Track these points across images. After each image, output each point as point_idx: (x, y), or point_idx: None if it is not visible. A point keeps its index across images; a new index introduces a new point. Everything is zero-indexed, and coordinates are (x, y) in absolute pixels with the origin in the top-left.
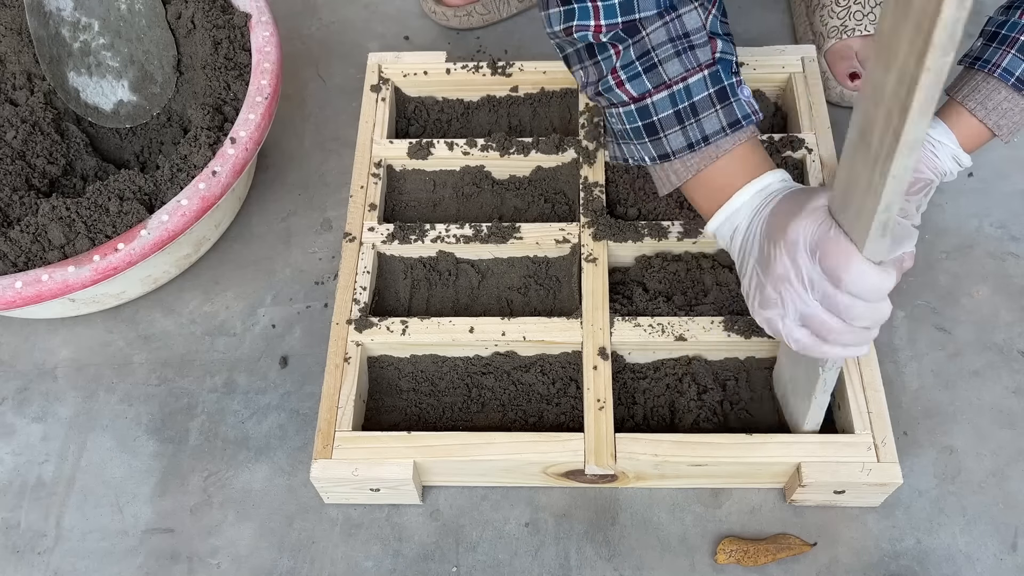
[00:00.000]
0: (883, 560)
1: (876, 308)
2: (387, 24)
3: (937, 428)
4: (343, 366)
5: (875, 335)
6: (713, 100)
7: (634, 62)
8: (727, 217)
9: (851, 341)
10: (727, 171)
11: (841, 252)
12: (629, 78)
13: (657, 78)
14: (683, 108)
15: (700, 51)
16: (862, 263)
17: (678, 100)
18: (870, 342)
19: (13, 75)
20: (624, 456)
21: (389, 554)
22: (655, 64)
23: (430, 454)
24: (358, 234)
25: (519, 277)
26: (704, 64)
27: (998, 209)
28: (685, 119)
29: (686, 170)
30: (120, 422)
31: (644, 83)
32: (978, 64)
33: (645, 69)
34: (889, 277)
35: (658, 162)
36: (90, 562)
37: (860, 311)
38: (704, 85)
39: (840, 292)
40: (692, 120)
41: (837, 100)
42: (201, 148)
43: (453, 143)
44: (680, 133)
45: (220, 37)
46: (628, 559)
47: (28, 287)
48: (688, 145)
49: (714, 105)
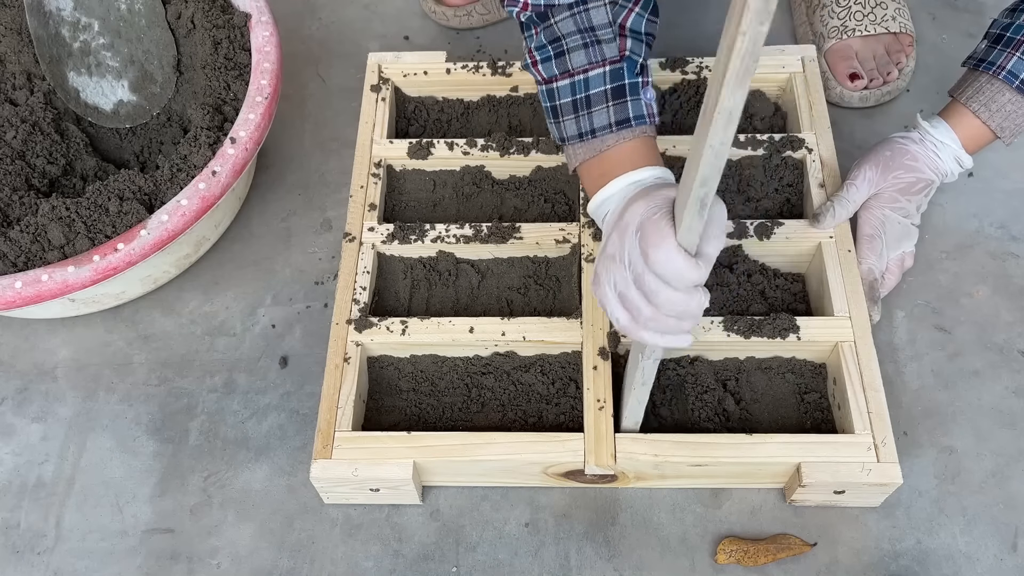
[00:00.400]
0: (883, 560)
1: (684, 299)
2: (387, 24)
3: (937, 428)
4: (343, 366)
5: (687, 327)
6: (608, 96)
7: (546, 46)
8: (600, 203)
9: (664, 328)
10: (609, 163)
11: (656, 232)
12: (541, 60)
13: (563, 65)
14: (580, 98)
15: (606, 46)
16: (672, 246)
17: (577, 90)
18: (687, 334)
19: (13, 75)
20: (624, 456)
21: (389, 554)
22: (564, 51)
23: (430, 454)
24: (358, 234)
25: (519, 277)
26: (609, 60)
27: (998, 209)
28: (579, 109)
29: (576, 156)
30: (120, 422)
31: (552, 67)
32: (983, 66)
33: (555, 55)
34: (696, 268)
35: (560, 143)
36: (90, 562)
37: (667, 297)
38: (603, 80)
39: (647, 272)
40: (585, 112)
41: (837, 100)
42: (201, 148)
43: (453, 143)
44: (573, 122)
45: (220, 37)
46: (628, 559)
47: (28, 287)
48: (579, 135)
49: (607, 101)
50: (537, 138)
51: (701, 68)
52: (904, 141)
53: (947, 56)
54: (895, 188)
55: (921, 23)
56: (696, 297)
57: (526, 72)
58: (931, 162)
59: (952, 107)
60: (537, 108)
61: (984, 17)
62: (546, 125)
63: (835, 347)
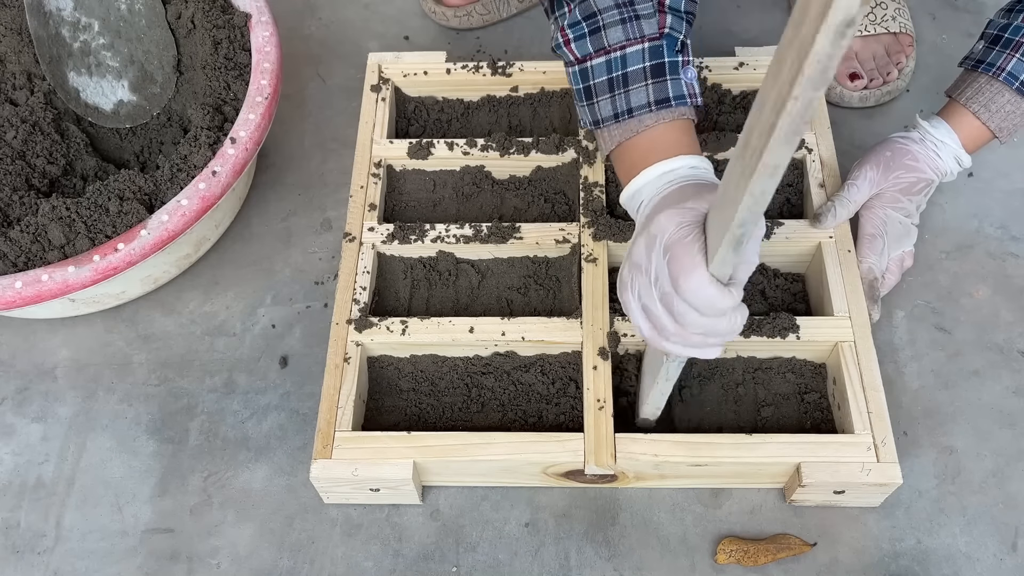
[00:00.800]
0: (883, 560)
1: (713, 322)
2: (387, 24)
3: (937, 428)
4: (343, 366)
5: (718, 343)
6: (647, 73)
7: (580, 22)
8: (631, 195)
9: (690, 343)
10: (642, 149)
11: (687, 259)
12: (575, 38)
13: (598, 42)
14: (616, 76)
15: (645, 22)
16: (703, 277)
17: (614, 67)
18: (716, 348)
19: (13, 75)
20: (624, 456)
21: (389, 554)
22: (600, 28)
23: (430, 454)
24: (358, 234)
25: (519, 277)
26: (648, 36)
27: (998, 209)
28: (616, 88)
29: (611, 139)
30: (120, 422)
31: (587, 45)
32: (981, 67)
33: (590, 31)
34: (728, 297)
35: (593, 127)
36: (90, 562)
37: (694, 319)
38: (641, 57)
39: (676, 296)
40: (621, 90)
41: (837, 100)
42: (201, 148)
43: (453, 143)
44: (609, 101)
45: (220, 37)
46: (628, 559)
47: (28, 287)
48: (614, 115)
49: (646, 79)
50: (537, 138)
51: (701, 68)
52: (904, 141)
53: (947, 56)
54: (897, 188)
55: (921, 23)
56: (726, 319)
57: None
58: (932, 162)
59: (951, 107)
60: (537, 108)
61: (984, 17)
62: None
63: (835, 347)
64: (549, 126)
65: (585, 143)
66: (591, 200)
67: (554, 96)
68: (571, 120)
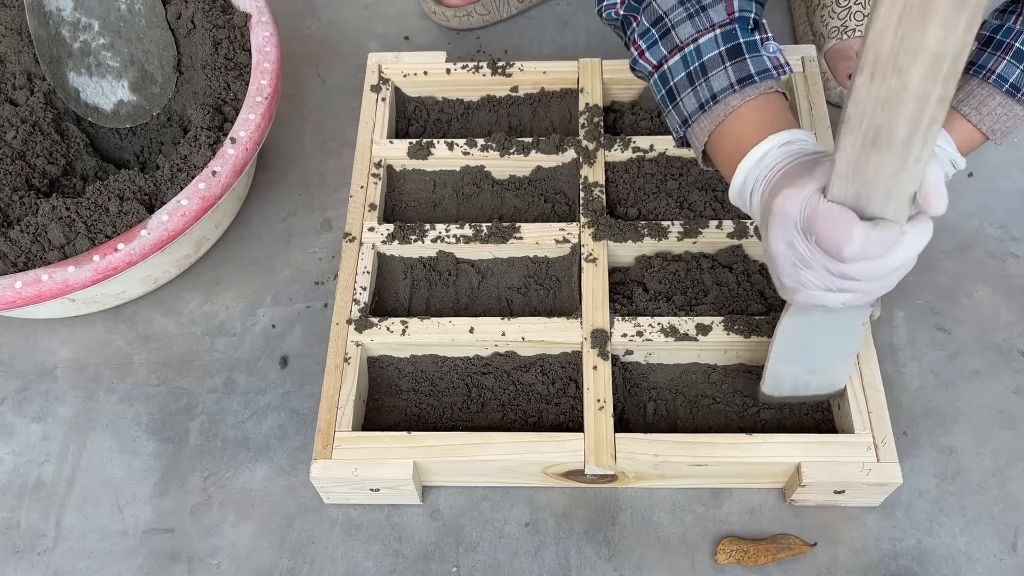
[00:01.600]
0: (883, 560)
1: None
2: (387, 24)
3: (937, 428)
4: (343, 366)
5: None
6: (724, 57)
7: (650, 30)
8: (736, 193)
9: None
10: (737, 136)
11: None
12: (648, 47)
13: (671, 43)
14: (694, 69)
15: (713, 11)
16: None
17: (690, 61)
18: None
19: (13, 75)
20: (624, 456)
21: (389, 554)
22: (669, 29)
23: (430, 454)
24: (358, 234)
25: (519, 277)
26: (718, 24)
27: (998, 209)
28: (695, 80)
29: (701, 134)
30: (120, 422)
31: (660, 49)
32: (973, 69)
33: (660, 35)
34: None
35: (683, 128)
36: (90, 562)
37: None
38: (715, 44)
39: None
40: (701, 80)
41: (837, 100)
42: (201, 148)
43: (453, 143)
44: (691, 94)
45: (220, 37)
46: (628, 559)
47: (28, 287)
48: (699, 106)
49: (724, 62)
50: (537, 138)
51: None
52: None
53: None
54: None
55: None
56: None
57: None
58: None
59: None
60: (537, 108)
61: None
62: (547, 122)
63: None
64: (549, 126)
65: (585, 143)
66: (591, 200)
67: (554, 96)
68: (571, 120)
